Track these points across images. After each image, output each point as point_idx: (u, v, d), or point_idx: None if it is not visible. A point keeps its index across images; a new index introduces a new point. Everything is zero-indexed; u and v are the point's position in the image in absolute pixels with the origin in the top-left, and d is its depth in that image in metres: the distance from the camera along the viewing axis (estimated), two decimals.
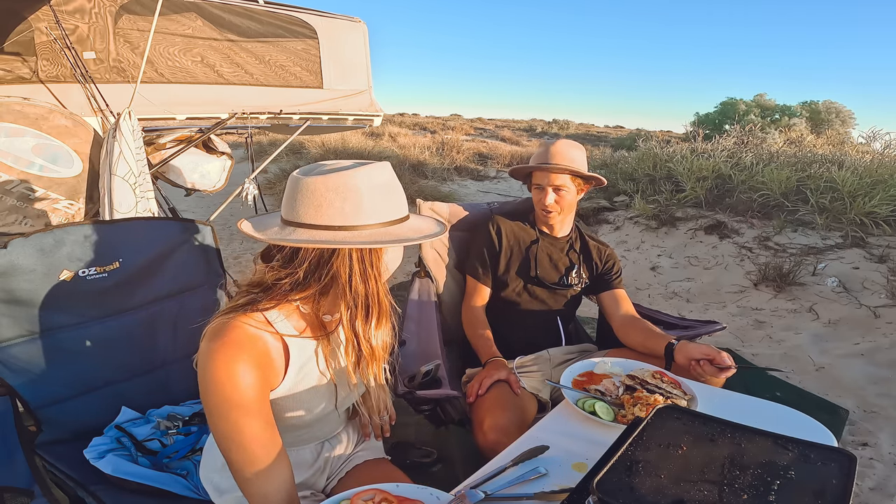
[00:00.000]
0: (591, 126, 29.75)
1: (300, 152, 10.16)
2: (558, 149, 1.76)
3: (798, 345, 2.99)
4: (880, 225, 3.95)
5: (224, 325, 0.91)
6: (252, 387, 0.89)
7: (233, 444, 0.89)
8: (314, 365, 1.02)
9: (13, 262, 1.25)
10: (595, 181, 1.80)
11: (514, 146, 14.05)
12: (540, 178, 1.76)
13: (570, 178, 1.75)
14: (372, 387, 1.21)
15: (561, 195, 1.75)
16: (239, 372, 0.87)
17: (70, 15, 2.63)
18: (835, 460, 0.81)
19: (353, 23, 3.78)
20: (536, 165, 1.76)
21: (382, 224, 0.93)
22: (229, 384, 0.87)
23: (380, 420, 1.27)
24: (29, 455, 1.15)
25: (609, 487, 0.76)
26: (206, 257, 1.61)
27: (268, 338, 0.94)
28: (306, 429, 1.11)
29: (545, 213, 1.79)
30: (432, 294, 1.91)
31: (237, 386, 0.87)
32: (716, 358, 1.38)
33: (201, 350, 0.90)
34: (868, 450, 2.13)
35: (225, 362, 0.87)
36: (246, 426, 0.89)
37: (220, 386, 0.87)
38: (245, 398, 0.88)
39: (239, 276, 1.10)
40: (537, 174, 1.77)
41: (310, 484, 1.17)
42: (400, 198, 0.98)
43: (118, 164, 2.13)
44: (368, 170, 0.93)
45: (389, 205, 0.95)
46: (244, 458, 0.90)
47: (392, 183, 0.97)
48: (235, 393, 0.87)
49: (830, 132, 12.31)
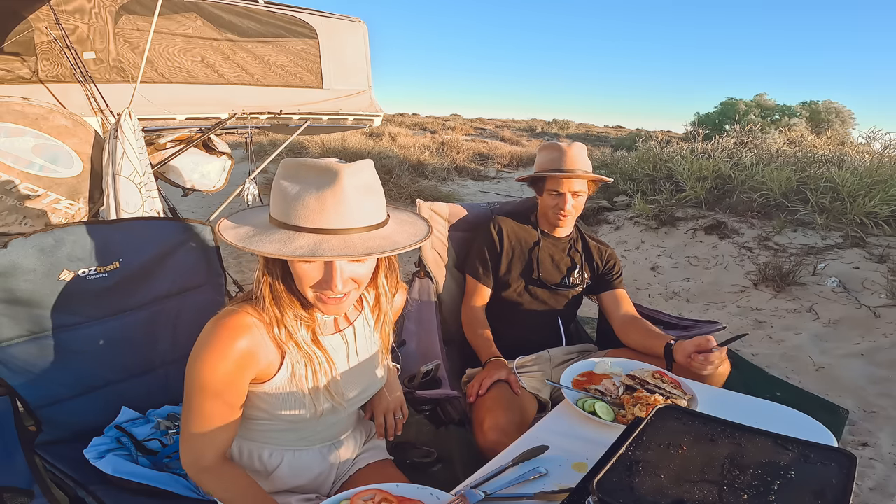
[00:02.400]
0: (591, 126, 29.75)
1: (300, 152, 10.16)
2: (574, 153, 1.75)
3: (798, 345, 2.99)
4: (880, 225, 3.95)
5: (227, 311, 0.97)
6: (227, 374, 0.93)
7: (191, 413, 0.96)
8: (314, 364, 1.02)
9: (13, 262, 1.25)
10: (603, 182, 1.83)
11: (514, 146, 14.05)
12: (557, 184, 1.75)
13: (585, 182, 1.77)
14: (387, 384, 1.23)
15: (577, 200, 1.77)
16: (217, 357, 0.92)
17: (70, 15, 2.63)
18: (835, 460, 0.81)
19: (353, 23, 3.77)
20: (555, 171, 1.75)
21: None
22: (206, 367, 0.93)
23: (394, 419, 1.28)
24: (29, 455, 1.15)
25: (609, 487, 0.76)
26: (207, 257, 1.60)
27: (264, 332, 0.96)
28: (309, 429, 1.11)
29: (559, 217, 1.79)
30: (432, 294, 1.91)
31: (214, 370, 0.93)
32: (702, 343, 1.38)
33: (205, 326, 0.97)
34: (868, 450, 2.13)
35: (210, 343, 0.93)
36: (206, 404, 0.95)
37: (198, 364, 0.93)
38: (214, 382, 0.93)
39: (239, 277, 1.11)
40: (554, 179, 1.76)
41: (316, 487, 1.16)
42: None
43: (122, 164, 2.13)
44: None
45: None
46: (197, 423, 0.96)
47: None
48: (207, 374, 0.93)
49: (830, 132, 12.31)
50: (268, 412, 1.03)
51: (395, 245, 0.89)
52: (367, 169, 0.92)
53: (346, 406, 1.10)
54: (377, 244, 0.88)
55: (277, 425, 1.06)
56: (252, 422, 1.06)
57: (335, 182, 0.86)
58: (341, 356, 1.08)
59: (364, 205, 0.89)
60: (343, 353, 1.09)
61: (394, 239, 0.91)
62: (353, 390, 1.11)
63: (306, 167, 0.90)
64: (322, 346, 1.03)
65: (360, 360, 1.12)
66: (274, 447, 1.11)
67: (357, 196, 0.88)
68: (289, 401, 1.02)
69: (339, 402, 1.07)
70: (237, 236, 0.91)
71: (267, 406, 1.02)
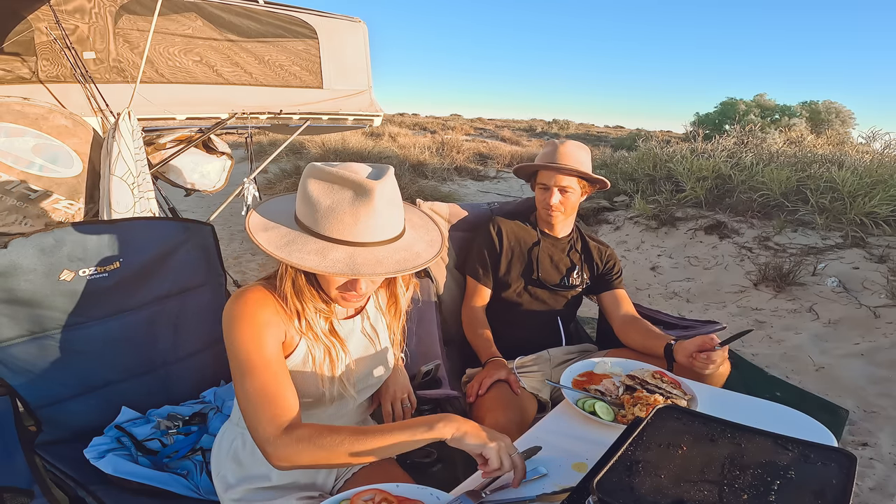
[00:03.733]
0: (591, 126, 29.75)
1: (300, 152, 10.16)
2: (567, 149, 1.75)
3: (798, 345, 2.99)
4: (880, 225, 3.95)
5: (242, 289, 1.02)
6: (263, 337, 0.96)
7: (251, 389, 0.94)
8: (330, 353, 1.05)
9: (13, 262, 1.25)
10: (600, 185, 1.80)
11: (514, 146, 14.05)
12: (546, 178, 1.75)
13: (576, 181, 1.75)
14: (393, 374, 1.26)
15: (566, 196, 1.75)
16: (249, 326, 0.96)
17: (70, 15, 2.63)
18: (835, 460, 0.81)
19: (353, 23, 3.78)
20: (543, 164, 1.75)
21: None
22: (244, 339, 0.95)
23: (401, 408, 1.29)
24: (29, 455, 1.15)
25: (609, 487, 0.76)
26: (207, 257, 1.60)
27: (280, 308, 1.00)
28: (315, 419, 1.10)
29: (548, 213, 1.79)
30: (432, 294, 1.91)
31: (253, 339, 0.95)
32: (704, 342, 1.38)
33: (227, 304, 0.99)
34: (868, 450, 2.13)
35: (238, 318, 0.96)
36: (259, 375, 0.94)
37: (235, 341, 0.95)
38: (257, 350, 0.95)
39: (239, 277, 1.13)
40: (543, 173, 1.76)
41: (318, 485, 1.17)
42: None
43: (116, 164, 2.13)
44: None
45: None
46: (260, 396, 0.94)
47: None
48: (249, 346, 0.95)
49: (830, 132, 12.30)
50: None
51: (420, 259, 0.96)
52: (391, 179, 0.96)
53: (353, 394, 1.11)
54: (403, 257, 0.94)
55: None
56: None
57: (369, 199, 0.90)
58: (352, 343, 1.12)
59: (392, 218, 0.95)
60: (353, 341, 1.12)
61: (416, 250, 0.97)
62: (360, 378, 1.14)
63: (340, 179, 0.91)
64: (339, 335, 1.08)
65: (368, 349, 1.15)
66: None
67: (387, 211, 0.93)
68: (301, 381, 1.03)
69: (346, 389, 1.09)
70: (271, 241, 0.93)
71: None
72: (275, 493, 1.10)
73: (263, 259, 4.81)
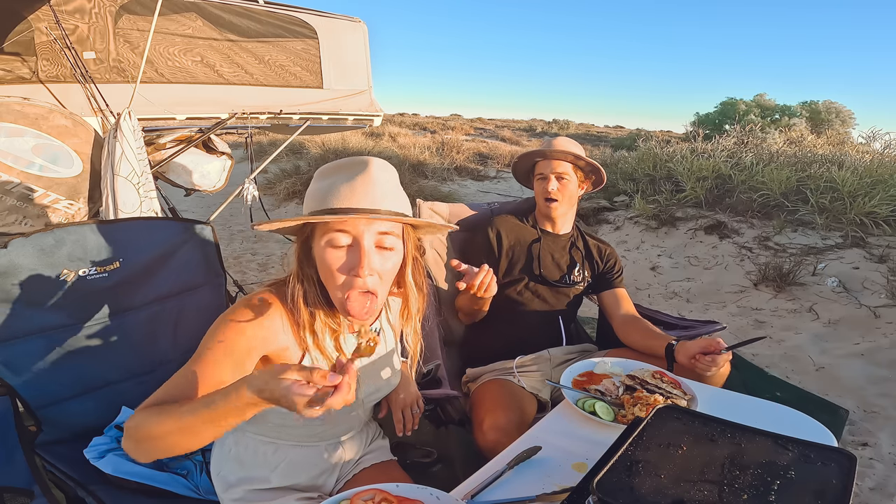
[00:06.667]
0: (591, 126, 29.72)
1: (300, 152, 10.15)
2: (560, 141, 1.84)
3: (798, 345, 2.99)
4: (880, 225, 3.95)
5: (254, 293, 1.01)
6: (240, 333, 0.93)
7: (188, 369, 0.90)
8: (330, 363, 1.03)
9: (13, 262, 1.25)
10: (595, 176, 1.86)
11: (514, 146, 14.04)
12: (543, 167, 1.82)
13: (571, 168, 1.81)
14: (403, 380, 1.25)
15: (563, 184, 1.80)
16: (238, 318, 0.94)
17: (70, 15, 2.63)
18: (835, 460, 0.81)
19: (353, 23, 3.77)
20: (539, 152, 1.83)
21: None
22: (227, 325, 0.93)
23: (411, 414, 1.29)
24: (29, 455, 1.15)
25: (609, 487, 0.76)
26: (207, 257, 1.61)
27: (286, 320, 0.98)
28: (318, 425, 1.11)
29: (548, 203, 1.82)
30: (432, 294, 1.91)
31: (234, 327, 0.93)
32: (711, 344, 1.39)
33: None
34: (868, 450, 2.13)
35: (235, 310, 0.95)
36: (210, 354, 0.91)
37: (219, 321, 0.94)
38: (228, 336, 0.92)
39: (239, 277, 1.12)
40: (540, 164, 1.84)
41: (318, 486, 1.16)
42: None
43: (121, 165, 2.13)
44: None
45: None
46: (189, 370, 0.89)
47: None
48: (226, 330, 0.93)
49: (830, 132, 12.29)
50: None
51: (425, 219, 1.00)
52: (392, 168, 1.00)
53: (360, 403, 1.11)
54: (405, 217, 0.96)
55: (289, 419, 1.07)
56: (266, 413, 1.06)
57: (365, 170, 0.94)
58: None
59: (394, 192, 0.97)
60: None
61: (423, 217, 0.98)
62: (367, 388, 1.13)
63: (337, 164, 0.98)
64: (343, 351, 1.04)
65: (375, 359, 1.14)
66: (279, 442, 1.11)
67: (386, 183, 0.95)
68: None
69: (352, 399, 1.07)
70: (272, 224, 0.95)
71: None
72: (275, 493, 1.10)
73: (263, 259, 4.81)
